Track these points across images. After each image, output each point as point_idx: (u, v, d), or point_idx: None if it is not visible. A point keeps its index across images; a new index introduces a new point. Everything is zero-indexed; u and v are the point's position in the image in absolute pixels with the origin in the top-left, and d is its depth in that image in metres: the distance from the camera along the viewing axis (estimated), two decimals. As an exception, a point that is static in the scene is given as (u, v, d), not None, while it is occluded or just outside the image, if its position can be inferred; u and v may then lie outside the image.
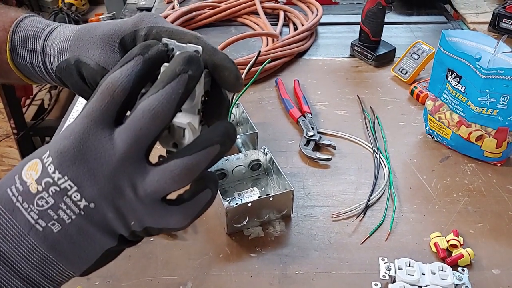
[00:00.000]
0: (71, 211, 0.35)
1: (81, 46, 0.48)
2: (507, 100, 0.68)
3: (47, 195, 0.34)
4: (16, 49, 0.51)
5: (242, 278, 0.60)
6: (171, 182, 0.35)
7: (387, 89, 0.97)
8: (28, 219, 0.34)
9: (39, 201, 0.35)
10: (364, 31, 1.04)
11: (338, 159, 0.79)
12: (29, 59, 0.52)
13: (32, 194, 0.34)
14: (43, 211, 0.35)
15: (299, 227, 0.67)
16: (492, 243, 0.64)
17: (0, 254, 0.34)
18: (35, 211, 0.35)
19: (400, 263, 0.59)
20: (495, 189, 0.73)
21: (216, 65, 0.42)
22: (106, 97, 0.35)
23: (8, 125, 1.75)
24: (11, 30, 0.51)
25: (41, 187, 0.34)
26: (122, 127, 0.35)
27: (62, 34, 0.50)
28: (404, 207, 0.70)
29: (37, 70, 0.52)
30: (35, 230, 0.35)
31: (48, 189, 0.34)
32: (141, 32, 0.46)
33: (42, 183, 0.34)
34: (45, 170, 0.34)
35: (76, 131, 0.35)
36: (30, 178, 0.35)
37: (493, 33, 1.15)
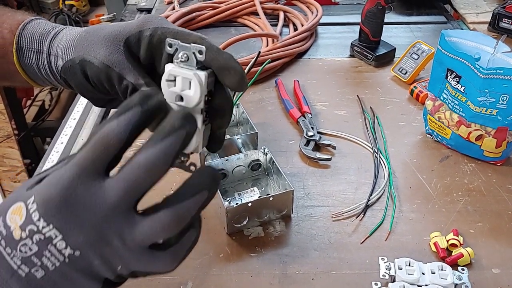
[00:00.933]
0: (55, 259, 0.34)
1: (86, 46, 0.48)
2: (507, 99, 0.69)
3: (31, 242, 0.34)
4: (22, 51, 0.52)
5: (242, 277, 0.60)
6: (161, 232, 0.35)
7: (387, 89, 0.97)
8: (10, 264, 0.34)
9: (22, 248, 0.34)
10: (364, 31, 1.04)
11: (338, 159, 0.79)
12: (35, 60, 0.52)
13: (15, 241, 0.34)
14: (27, 258, 0.34)
15: (299, 227, 0.67)
16: (492, 242, 0.64)
17: None
18: (18, 257, 0.34)
19: (400, 262, 0.59)
20: (495, 189, 0.73)
21: (221, 65, 0.42)
22: (99, 147, 0.34)
23: (9, 126, 1.75)
24: (18, 32, 0.52)
25: (25, 233, 0.34)
26: (116, 177, 0.34)
27: (67, 35, 0.50)
28: (404, 206, 0.70)
29: (42, 71, 0.52)
30: (17, 275, 0.34)
31: (32, 237, 0.34)
32: (146, 33, 0.46)
33: (26, 230, 0.34)
34: (29, 217, 0.34)
35: (65, 178, 0.34)
36: (14, 223, 0.34)
37: (493, 33, 1.15)
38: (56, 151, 0.83)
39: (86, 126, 0.89)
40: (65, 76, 0.50)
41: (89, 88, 0.49)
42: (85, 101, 0.97)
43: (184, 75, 0.41)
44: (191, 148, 0.43)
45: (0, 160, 1.82)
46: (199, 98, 0.41)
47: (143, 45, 0.47)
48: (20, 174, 1.85)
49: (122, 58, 0.46)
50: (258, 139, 0.77)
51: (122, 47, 0.46)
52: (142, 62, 0.47)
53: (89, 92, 0.50)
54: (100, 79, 0.47)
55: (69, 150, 0.83)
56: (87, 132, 0.87)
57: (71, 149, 0.83)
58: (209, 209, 0.69)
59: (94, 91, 0.50)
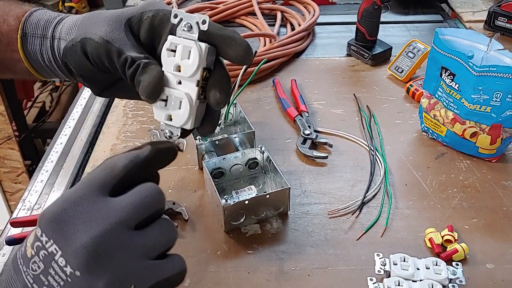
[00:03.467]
0: (59, 278, 0.34)
1: (88, 25, 0.49)
2: (500, 97, 0.69)
3: (38, 259, 0.35)
4: (26, 37, 0.52)
5: (240, 274, 0.61)
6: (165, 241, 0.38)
7: (383, 87, 0.98)
8: (26, 282, 0.35)
9: (33, 266, 0.35)
10: (361, 30, 1.05)
11: (334, 157, 0.80)
12: (38, 46, 0.52)
13: (28, 258, 0.35)
14: (37, 276, 0.35)
15: (296, 224, 0.68)
16: (487, 238, 0.65)
17: None
18: (30, 275, 0.35)
19: (395, 258, 0.60)
20: (489, 185, 0.73)
21: (225, 36, 0.43)
22: (105, 170, 0.37)
23: (10, 127, 1.76)
24: (24, 18, 0.52)
25: (33, 251, 0.35)
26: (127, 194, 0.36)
27: (71, 19, 0.52)
28: (400, 203, 0.71)
29: (45, 57, 0.53)
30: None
31: (39, 253, 0.35)
32: (148, 14, 0.47)
33: (34, 247, 0.35)
34: (36, 234, 0.35)
35: (70, 193, 0.36)
36: (29, 242, 0.36)
37: (488, 31, 1.16)
38: (56, 151, 0.83)
39: (85, 127, 0.90)
40: (66, 57, 0.50)
41: (88, 67, 0.49)
42: (84, 101, 0.98)
43: (185, 44, 0.42)
44: (182, 121, 0.43)
45: (1, 162, 1.83)
46: (197, 67, 0.41)
47: (144, 25, 0.47)
48: (21, 175, 1.86)
49: (122, 35, 0.47)
50: (255, 137, 0.78)
51: (123, 25, 0.47)
52: (142, 42, 0.48)
53: (88, 72, 0.50)
54: (100, 54, 0.47)
55: (68, 151, 0.84)
56: (86, 133, 0.88)
57: (70, 150, 0.84)
58: (207, 207, 0.70)
59: (93, 70, 0.50)
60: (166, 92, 0.43)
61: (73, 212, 0.35)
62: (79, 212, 0.35)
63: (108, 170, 0.36)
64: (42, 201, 0.73)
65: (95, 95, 0.54)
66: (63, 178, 0.78)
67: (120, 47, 0.46)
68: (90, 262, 0.34)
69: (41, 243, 0.35)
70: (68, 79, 0.55)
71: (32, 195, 0.74)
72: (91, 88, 0.53)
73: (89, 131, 0.89)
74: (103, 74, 0.50)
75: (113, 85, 0.53)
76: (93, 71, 0.50)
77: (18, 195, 1.91)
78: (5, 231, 0.68)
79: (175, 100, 0.42)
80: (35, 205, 0.72)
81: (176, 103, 0.42)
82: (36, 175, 0.79)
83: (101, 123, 0.91)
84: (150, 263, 0.36)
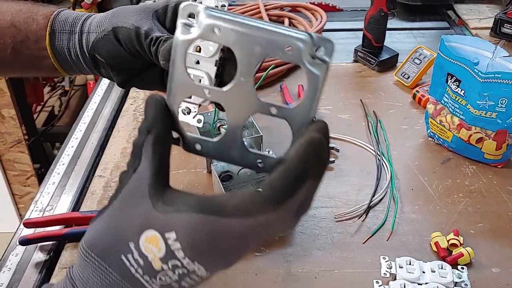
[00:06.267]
0: (192, 280, 0.35)
1: (119, 17, 0.53)
2: (506, 103, 0.70)
3: (172, 273, 0.34)
4: (54, 33, 0.55)
5: (248, 276, 0.62)
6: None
7: (389, 93, 0.99)
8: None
9: (162, 277, 0.35)
10: (367, 37, 1.06)
11: (341, 161, 0.81)
12: (66, 42, 0.55)
13: (155, 271, 0.34)
14: (166, 285, 0.35)
15: (303, 227, 0.69)
16: (492, 242, 0.66)
17: None
18: (157, 284, 0.35)
19: (400, 261, 0.61)
20: (495, 190, 0.74)
21: None
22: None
23: (20, 131, 1.78)
24: (53, 17, 0.56)
25: (166, 266, 0.34)
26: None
27: (100, 15, 0.55)
28: (406, 207, 0.71)
29: (72, 53, 0.56)
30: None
31: (175, 270, 0.34)
32: (171, 5, 0.53)
33: (168, 264, 0.34)
34: (171, 253, 0.34)
35: (210, 228, 0.33)
36: (152, 254, 0.34)
37: (495, 38, 1.17)
38: (67, 154, 0.85)
39: (96, 130, 0.91)
40: (96, 48, 0.54)
41: (121, 53, 0.53)
42: (95, 106, 0.99)
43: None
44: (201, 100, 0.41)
45: (11, 165, 1.85)
46: (217, 47, 0.42)
47: (169, 15, 0.53)
48: (30, 178, 1.88)
49: (150, 23, 0.52)
50: (263, 142, 0.79)
51: (151, 16, 0.52)
52: (167, 31, 0.53)
53: (119, 59, 0.54)
54: (131, 38, 0.51)
55: (79, 154, 0.85)
56: (97, 136, 0.90)
57: (81, 153, 0.85)
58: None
59: (124, 56, 0.53)
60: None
61: (214, 242, 0.34)
62: (217, 241, 0.34)
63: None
64: (53, 203, 0.74)
65: (118, 86, 0.56)
66: (74, 180, 0.79)
67: (147, 31, 0.51)
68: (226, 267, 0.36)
69: (181, 264, 0.34)
70: (92, 73, 0.58)
71: (44, 197, 0.76)
72: (116, 78, 0.56)
73: (100, 134, 0.90)
74: (133, 60, 0.54)
75: (137, 76, 0.56)
76: (124, 58, 0.53)
77: (27, 198, 1.93)
78: (17, 232, 0.69)
79: (195, 79, 0.43)
80: (47, 207, 0.74)
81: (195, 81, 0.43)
82: (48, 177, 0.80)
83: (112, 127, 0.92)
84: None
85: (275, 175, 0.33)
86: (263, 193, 0.33)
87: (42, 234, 0.66)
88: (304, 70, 0.35)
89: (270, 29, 0.35)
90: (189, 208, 0.33)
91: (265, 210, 0.32)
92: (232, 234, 0.33)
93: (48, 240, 0.67)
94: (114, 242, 0.35)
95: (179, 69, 0.38)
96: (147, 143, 0.35)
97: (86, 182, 0.79)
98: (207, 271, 0.35)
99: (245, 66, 0.36)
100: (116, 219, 0.35)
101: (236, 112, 0.37)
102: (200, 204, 0.33)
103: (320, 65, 0.35)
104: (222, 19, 0.35)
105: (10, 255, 0.66)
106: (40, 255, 0.66)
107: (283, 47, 0.35)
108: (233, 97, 0.37)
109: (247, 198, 0.33)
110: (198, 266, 0.34)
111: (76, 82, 2.22)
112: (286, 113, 0.37)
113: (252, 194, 0.33)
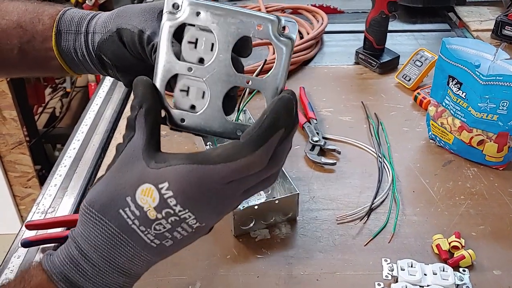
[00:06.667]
0: (184, 231, 0.40)
1: (123, 17, 0.52)
2: (507, 105, 0.70)
3: (165, 222, 0.39)
4: (61, 34, 0.55)
5: (249, 278, 0.62)
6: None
7: (391, 95, 0.99)
8: (144, 239, 0.39)
9: (157, 226, 0.39)
10: (368, 39, 1.06)
11: (342, 163, 0.81)
12: (72, 42, 0.55)
13: (150, 220, 0.39)
14: (160, 234, 0.39)
15: (305, 229, 0.69)
16: (494, 244, 0.66)
17: (117, 265, 0.40)
18: (152, 234, 0.39)
19: (402, 263, 0.61)
20: (496, 193, 0.74)
21: None
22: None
23: (21, 132, 1.79)
24: (58, 17, 0.55)
25: (160, 215, 0.38)
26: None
27: (105, 14, 0.55)
28: (407, 210, 0.71)
29: (78, 53, 0.55)
30: (150, 246, 0.40)
31: (168, 218, 0.38)
32: None
33: (162, 212, 0.38)
34: (164, 201, 0.38)
35: (194, 171, 0.38)
36: (147, 204, 0.38)
37: (496, 40, 1.17)
38: (69, 156, 0.85)
39: (98, 132, 0.92)
40: (102, 49, 0.53)
41: (125, 55, 0.52)
42: (96, 108, 0.99)
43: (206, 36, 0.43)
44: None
45: (12, 166, 1.85)
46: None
47: None
48: (31, 180, 1.88)
49: (155, 24, 0.50)
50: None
51: (156, 16, 0.51)
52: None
53: (124, 60, 0.53)
54: (134, 42, 0.50)
55: (81, 156, 0.85)
56: (99, 138, 0.90)
57: (83, 155, 0.85)
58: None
59: (128, 58, 0.52)
60: (188, 82, 0.44)
61: (204, 191, 0.39)
62: (205, 185, 0.38)
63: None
64: (55, 205, 0.75)
65: (125, 87, 0.56)
66: (76, 182, 0.79)
67: (151, 35, 0.50)
68: (216, 219, 0.42)
69: (173, 211, 0.38)
70: (100, 73, 0.57)
71: (46, 198, 0.76)
72: (122, 79, 0.55)
73: (102, 136, 0.90)
74: (138, 62, 0.53)
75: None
76: (129, 60, 0.53)
77: (28, 200, 1.93)
78: (19, 234, 0.69)
79: (198, 91, 0.43)
80: (49, 209, 0.74)
81: (199, 93, 0.43)
82: (49, 179, 0.80)
83: (113, 129, 0.92)
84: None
85: (252, 126, 0.39)
86: (241, 140, 0.38)
87: (44, 236, 0.66)
88: (273, 45, 0.42)
89: (244, 11, 0.42)
90: (178, 161, 0.38)
91: (245, 154, 0.38)
92: (217, 179, 0.38)
93: (50, 242, 0.67)
94: (112, 198, 0.39)
95: (164, 51, 0.43)
96: (139, 115, 0.40)
97: (88, 184, 0.79)
98: (197, 221, 0.39)
99: (223, 44, 0.42)
100: (114, 179, 0.40)
101: (217, 85, 0.43)
102: (188, 157, 0.38)
103: (285, 41, 0.42)
104: (203, 5, 0.42)
105: (12, 257, 0.66)
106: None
107: (254, 26, 0.41)
108: (213, 71, 0.42)
109: (228, 146, 0.39)
110: (189, 214, 0.39)
111: (78, 83, 2.23)
112: (260, 84, 0.43)
113: (232, 142, 0.39)
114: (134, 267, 0.41)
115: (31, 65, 0.57)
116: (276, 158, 0.41)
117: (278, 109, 0.39)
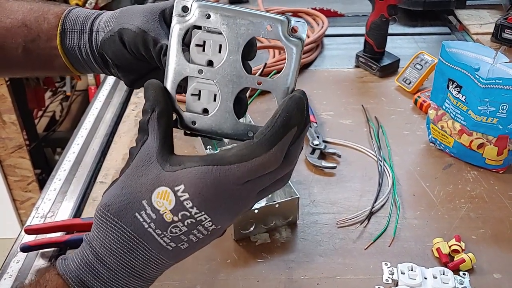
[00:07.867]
0: (200, 233, 0.40)
1: (125, 17, 0.52)
2: (506, 108, 0.70)
3: (182, 224, 0.39)
4: (65, 32, 0.55)
5: (249, 282, 0.62)
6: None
7: (391, 99, 0.99)
8: (160, 242, 0.39)
9: (173, 229, 0.39)
10: (369, 42, 1.06)
11: (343, 167, 0.81)
12: (77, 41, 0.55)
13: (167, 223, 0.39)
14: (176, 236, 0.39)
15: (305, 233, 0.69)
16: (494, 248, 0.66)
17: (133, 269, 0.40)
18: (168, 237, 0.39)
19: (402, 267, 0.61)
20: (497, 196, 0.74)
21: None
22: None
23: (21, 136, 1.78)
24: (63, 16, 0.55)
25: (177, 218, 0.39)
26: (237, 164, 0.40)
27: (109, 13, 0.55)
28: (408, 213, 0.71)
29: (83, 51, 0.55)
30: (165, 250, 0.40)
31: (184, 221, 0.39)
32: None
33: (178, 215, 0.39)
34: (180, 203, 0.39)
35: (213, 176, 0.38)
36: (163, 207, 0.39)
37: (496, 43, 1.17)
38: (68, 160, 0.85)
39: (97, 136, 0.91)
40: (103, 48, 0.53)
41: (125, 56, 0.52)
42: (96, 111, 0.99)
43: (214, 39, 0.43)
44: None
45: (12, 170, 1.85)
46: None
47: None
48: (31, 184, 1.88)
49: (157, 25, 0.50)
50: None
51: (158, 16, 0.51)
52: None
53: (124, 61, 0.53)
54: (136, 43, 0.50)
55: (81, 160, 0.85)
56: (98, 142, 0.90)
57: (83, 159, 0.85)
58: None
59: (129, 59, 0.52)
60: (199, 86, 0.44)
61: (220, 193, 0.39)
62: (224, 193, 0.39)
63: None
64: (55, 209, 0.75)
65: (127, 86, 0.56)
66: (75, 186, 0.79)
67: (155, 36, 0.49)
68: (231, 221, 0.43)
69: (190, 213, 0.39)
70: (103, 72, 0.57)
71: (45, 203, 0.76)
72: (124, 79, 0.55)
73: (101, 140, 0.90)
74: (138, 62, 0.53)
75: (145, 76, 0.55)
76: (129, 60, 0.53)
77: (27, 204, 1.92)
78: (18, 238, 0.69)
79: (209, 94, 0.43)
80: (48, 213, 0.74)
81: (210, 96, 0.43)
82: (49, 183, 0.80)
83: (113, 133, 0.92)
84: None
85: (265, 125, 0.39)
86: (255, 140, 0.39)
87: (43, 240, 0.66)
88: (283, 45, 0.42)
89: (254, 13, 0.41)
90: (194, 164, 0.39)
91: (259, 153, 0.38)
92: (233, 179, 0.38)
93: (49, 246, 0.67)
94: (128, 202, 0.39)
95: (175, 54, 0.43)
96: (152, 119, 0.41)
97: (87, 188, 0.79)
98: (213, 223, 0.40)
99: (233, 45, 0.42)
100: (129, 183, 0.40)
101: (227, 87, 0.43)
102: (203, 159, 0.39)
103: (296, 42, 0.42)
104: (212, 8, 0.42)
105: (11, 261, 0.66)
106: (42, 262, 0.66)
107: (264, 27, 0.41)
108: (224, 73, 0.42)
109: (242, 146, 0.39)
110: (205, 216, 0.39)
111: (77, 87, 2.23)
112: (271, 84, 0.43)
113: (246, 143, 0.39)
114: (149, 271, 0.41)
115: (35, 64, 0.57)
116: (290, 157, 0.41)
117: (290, 108, 0.39)
